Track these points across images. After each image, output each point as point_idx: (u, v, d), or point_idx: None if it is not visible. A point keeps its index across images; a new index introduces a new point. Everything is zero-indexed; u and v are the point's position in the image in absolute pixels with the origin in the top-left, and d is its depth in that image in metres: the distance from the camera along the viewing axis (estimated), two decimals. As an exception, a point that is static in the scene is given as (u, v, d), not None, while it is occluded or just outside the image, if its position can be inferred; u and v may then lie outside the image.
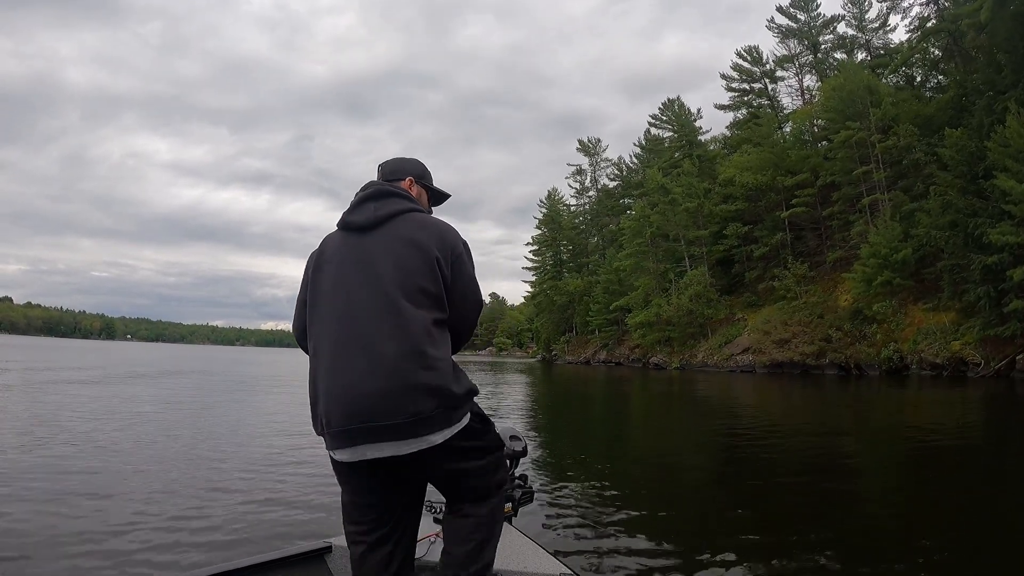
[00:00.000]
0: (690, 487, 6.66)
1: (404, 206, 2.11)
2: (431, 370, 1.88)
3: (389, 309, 1.91)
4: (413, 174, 2.33)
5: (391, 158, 2.43)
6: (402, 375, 1.85)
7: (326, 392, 1.92)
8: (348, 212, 2.13)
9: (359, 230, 2.07)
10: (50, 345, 74.82)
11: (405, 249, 1.99)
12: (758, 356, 37.99)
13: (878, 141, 37.18)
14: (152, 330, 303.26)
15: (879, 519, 5.07)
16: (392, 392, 1.83)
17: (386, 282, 1.94)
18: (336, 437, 1.90)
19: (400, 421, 1.83)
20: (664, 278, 50.72)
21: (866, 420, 13.89)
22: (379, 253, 2.00)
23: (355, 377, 1.87)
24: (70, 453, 6.96)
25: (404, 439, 1.85)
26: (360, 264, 2.00)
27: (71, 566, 3.58)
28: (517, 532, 2.76)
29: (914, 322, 31.97)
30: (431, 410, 1.86)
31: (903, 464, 8.04)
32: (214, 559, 3.62)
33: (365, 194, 2.15)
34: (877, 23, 49.36)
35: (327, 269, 2.06)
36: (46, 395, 13.40)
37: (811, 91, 53.62)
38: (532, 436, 9.82)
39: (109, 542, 4.00)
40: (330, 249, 2.11)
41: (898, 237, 32.75)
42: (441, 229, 2.09)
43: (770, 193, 45.59)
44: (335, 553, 2.70)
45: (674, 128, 61.58)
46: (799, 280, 40.57)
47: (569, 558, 3.50)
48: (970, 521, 5.03)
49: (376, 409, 1.83)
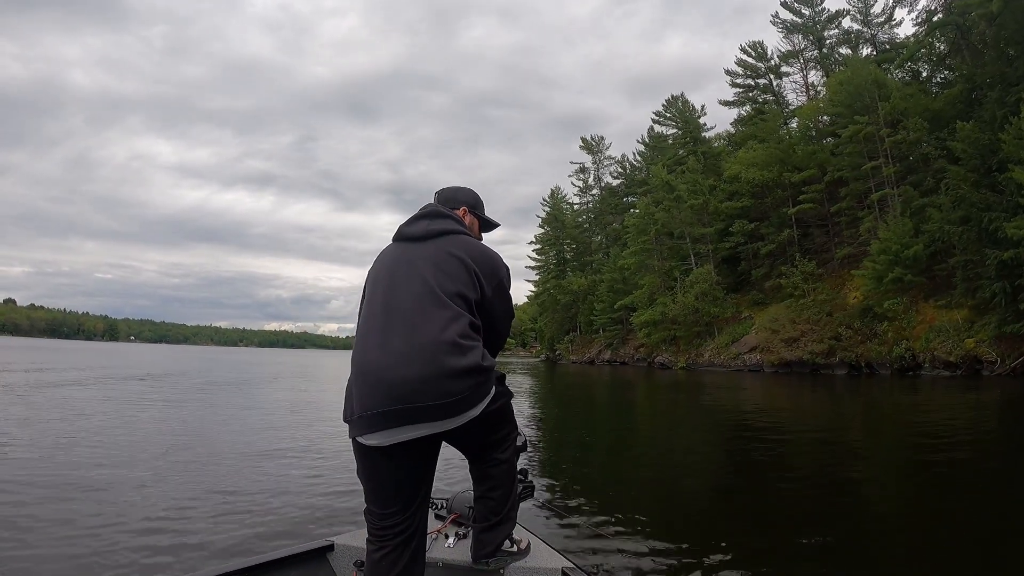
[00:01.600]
0: (694, 486, 6.63)
1: (455, 227, 2.34)
2: (465, 355, 2.03)
3: (430, 302, 2.09)
4: (467, 203, 2.60)
5: (448, 186, 2.67)
6: (440, 361, 1.99)
7: (363, 375, 2.04)
8: (404, 226, 2.37)
9: (411, 240, 2.31)
10: (51, 347, 75.25)
11: (449, 258, 2.20)
12: (766, 355, 37.27)
13: (887, 135, 36.50)
14: (155, 331, 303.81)
15: (888, 525, 4.95)
16: (431, 377, 1.97)
17: (429, 280, 2.14)
18: (370, 420, 1.99)
19: (440, 402, 1.98)
20: (669, 276, 49.97)
21: (878, 421, 13.49)
22: (426, 259, 2.21)
23: (394, 361, 2.00)
24: (67, 459, 6.82)
25: (443, 419, 2.01)
26: (408, 265, 2.21)
27: (71, 567, 3.62)
28: (520, 527, 2.75)
29: (926, 319, 31.25)
30: (467, 389, 2.03)
31: (914, 468, 7.71)
32: (217, 559, 3.75)
33: (422, 213, 2.39)
34: (883, 17, 48.61)
35: (380, 272, 2.28)
36: (39, 397, 12.98)
37: (816, 87, 53.00)
38: (536, 436, 9.81)
39: (109, 542, 4.04)
40: (386, 257, 2.33)
41: (909, 233, 32.02)
42: (487, 252, 2.33)
43: (776, 189, 44.92)
44: (337, 552, 2.77)
45: (678, 125, 60.87)
46: (807, 277, 39.81)
47: (571, 553, 3.49)
48: (982, 529, 4.81)
49: (416, 392, 1.95)
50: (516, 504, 2.63)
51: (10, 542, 4.03)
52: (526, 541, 2.67)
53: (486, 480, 2.41)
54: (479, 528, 2.46)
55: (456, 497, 3.06)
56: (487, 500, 2.41)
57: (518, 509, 2.68)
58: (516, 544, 2.58)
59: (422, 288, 2.12)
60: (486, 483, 2.41)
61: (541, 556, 2.65)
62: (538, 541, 2.80)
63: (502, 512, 2.43)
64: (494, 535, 2.43)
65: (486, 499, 2.41)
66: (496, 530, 2.43)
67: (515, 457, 2.60)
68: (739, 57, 55.71)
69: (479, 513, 2.46)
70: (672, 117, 61.60)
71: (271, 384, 22.53)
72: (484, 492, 2.42)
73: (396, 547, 2.14)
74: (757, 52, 55.27)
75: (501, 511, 2.43)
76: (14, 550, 3.89)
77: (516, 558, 2.57)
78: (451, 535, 2.83)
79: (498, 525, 2.43)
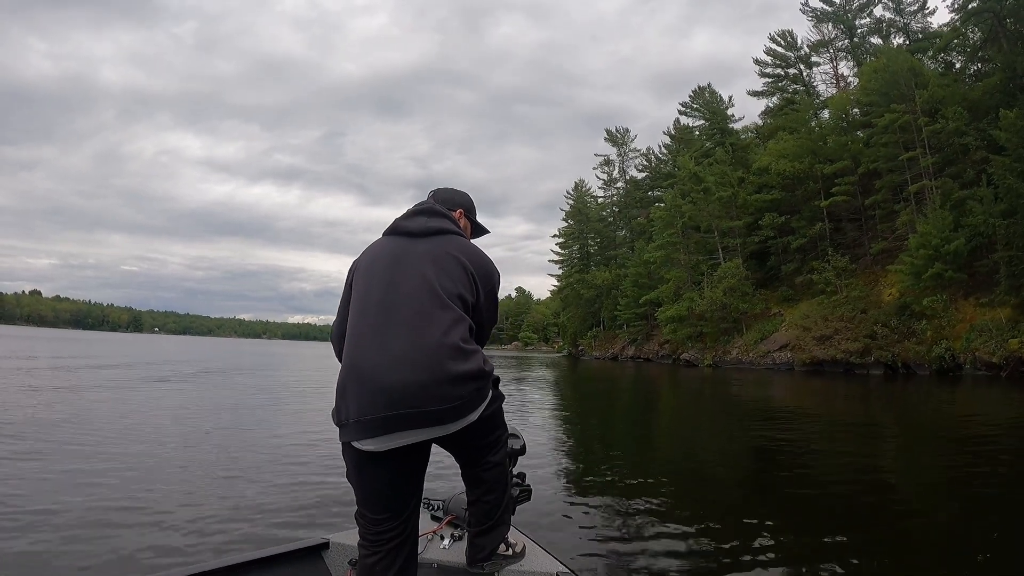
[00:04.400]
0: (714, 491, 6.49)
1: (452, 227, 2.30)
2: (468, 360, 2.00)
3: (432, 302, 2.03)
4: (463, 207, 2.56)
5: (444, 187, 2.60)
6: (443, 366, 1.94)
7: (360, 378, 1.96)
8: (400, 220, 2.30)
9: (408, 235, 2.23)
10: (74, 337, 76.82)
11: (450, 259, 2.16)
12: (797, 353, 36.01)
13: (925, 124, 34.98)
14: (180, 323, 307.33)
15: (919, 541, 4.72)
16: (433, 382, 1.92)
17: (431, 281, 2.08)
18: (368, 426, 1.93)
19: (441, 407, 1.94)
20: (696, 271, 48.73)
21: (915, 425, 12.83)
22: (427, 257, 2.14)
23: (394, 364, 1.93)
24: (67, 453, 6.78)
25: (442, 424, 1.97)
26: (407, 261, 2.13)
27: (70, 564, 3.60)
28: (515, 530, 2.71)
29: (966, 318, 29.99)
30: (468, 394, 2.00)
31: (952, 476, 7.18)
32: (212, 555, 3.69)
33: (419, 209, 2.33)
34: (916, 5, 46.97)
35: (374, 266, 2.17)
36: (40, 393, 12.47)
37: (845, 79, 51.43)
38: (542, 437, 9.55)
39: (107, 540, 4.00)
40: (379, 250, 2.23)
41: (949, 227, 30.68)
42: (484, 256, 2.29)
43: (808, 182, 43.49)
44: (332, 550, 2.72)
45: (705, 116, 59.39)
46: (839, 273, 38.45)
47: (567, 556, 3.42)
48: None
49: (417, 397, 1.90)
50: (511, 507, 2.60)
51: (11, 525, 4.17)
52: (521, 544, 2.63)
53: (480, 484, 2.37)
54: (474, 532, 2.43)
55: (453, 498, 2.95)
56: (481, 504, 2.38)
57: (513, 512, 2.66)
58: (511, 548, 2.54)
59: (423, 287, 2.06)
60: (480, 487, 2.38)
61: (536, 560, 2.59)
62: (533, 544, 2.73)
63: (496, 515, 2.40)
64: (489, 539, 2.41)
65: (480, 503, 2.38)
66: (491, 534, 2.41)
67: (508, 460, 2.56)
68: (768, 46, 54.42)
69: (474, 517, 2.42)
70: (699, 108, 60.09)
71: (271, 379, 22.05)
72: (478, 496, 2.38)
73: (389, 552, 2.09)
74: (787, 41, 53.89)
75: (495, 514, 2.40)
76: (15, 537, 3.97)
77: (511, 562, 2.52)
78: (447, 536, 2.75)
79: (493, 529, 2.41)
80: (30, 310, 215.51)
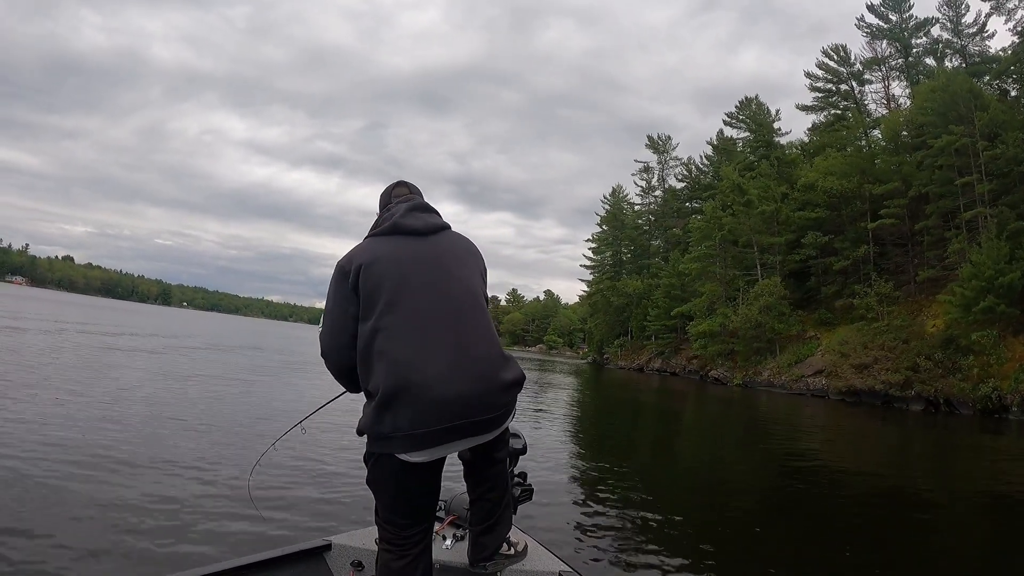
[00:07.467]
0: (722, 504, 6.48)
1: (444, 222, 2.26)
2: (511, 368, 2.03)
3: (472, 307, 2.03)
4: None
5: (401, 180, 2.47)
6: (494, 375, 1.96)
7: (410, 391, 1.88)
8: (401, 218, 2.16)
9: (416, 234, 2.13)
10: (102, 305, 79.33)
11: (469, 258, 2.18)
12: (833, 380, 34.52)
13: (983, 148, 33.31)
14: (208, 299, 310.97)
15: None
16: (485, 392, 1.93)
17: (465, 282, 2.07)
18: (423, 439, 1.88)
19: (488, 416, 1.95)
20: (732, 286, 47.32)
21: (951, 466, 12.27)
22: (449, 258, 2.11)
23: (448, 375, 1.89)
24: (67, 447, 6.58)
25: (490, 431, 2.01)
26: (435, 264, 2.06)
27: (70, 564, 3.56)
28: (517, 530, 2.70)
29: (1016, 356, 28.27)
30: (511, 401, 2.04)
31: (983, 527, 6.95)
32: (215, 556, 3.65)
33: (414, 205, 2.22)
34: (975, 28, 44.97)
35: (402, 270, 2.04)
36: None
37: (897, 100, 49.58)
38: (548, 437, 9.34)
39: (107, 541, 3.95)
40: (392, 252, 2.09)
41: (1004, 258, 29.06)
42: (478, 249, 2.31)
43: (855, 202, 41.91)
44: (334, 551, 2.74)
45: (750, 128, 57.92)
46: (882, 299, 36.84)
47: (569, 555, 3.40)
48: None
49: (470, 407, 1.89)
50: (513, 505, 2.58)
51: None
52: (523, 543, 2.63)
53: (483, 482, 2.35)
54: (477, 531, 2.40)
55: (455, 498, 2.92)
56: (483, 501, 2.36)
57: (515, 511, 2.63)
58: (513, 547, 2.54)
59: (460, 289, 2.05)
60: (483, 485, 2.35)
61: (538, 559, 2.63)
62: (535, 543, 2.75)
63: (498, 514, 2.38)
64: (492, 538, 2.38)
65: (483, 501, 2.36)
66: (493, 532, 2.38)
67: (510, 459, 2.57)
68: (821, 60, 52.72)
69: (476, 515, 2.40)
70: (745, 119, 58.65)
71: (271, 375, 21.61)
72: (481, 494, 2.36)
73: (416, 556, 2.09)
74: (840, 56, 52.15)
75: (497, 512, 2.37)
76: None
77: (513, 561, 2.52)
78: (448, 536, 2.74)
79: (495, 527, 2.38)
80: (61, 275, 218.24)
